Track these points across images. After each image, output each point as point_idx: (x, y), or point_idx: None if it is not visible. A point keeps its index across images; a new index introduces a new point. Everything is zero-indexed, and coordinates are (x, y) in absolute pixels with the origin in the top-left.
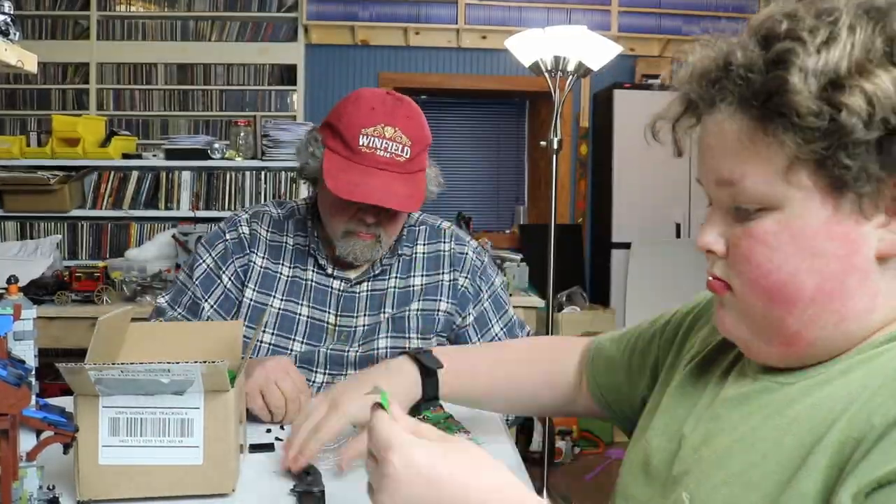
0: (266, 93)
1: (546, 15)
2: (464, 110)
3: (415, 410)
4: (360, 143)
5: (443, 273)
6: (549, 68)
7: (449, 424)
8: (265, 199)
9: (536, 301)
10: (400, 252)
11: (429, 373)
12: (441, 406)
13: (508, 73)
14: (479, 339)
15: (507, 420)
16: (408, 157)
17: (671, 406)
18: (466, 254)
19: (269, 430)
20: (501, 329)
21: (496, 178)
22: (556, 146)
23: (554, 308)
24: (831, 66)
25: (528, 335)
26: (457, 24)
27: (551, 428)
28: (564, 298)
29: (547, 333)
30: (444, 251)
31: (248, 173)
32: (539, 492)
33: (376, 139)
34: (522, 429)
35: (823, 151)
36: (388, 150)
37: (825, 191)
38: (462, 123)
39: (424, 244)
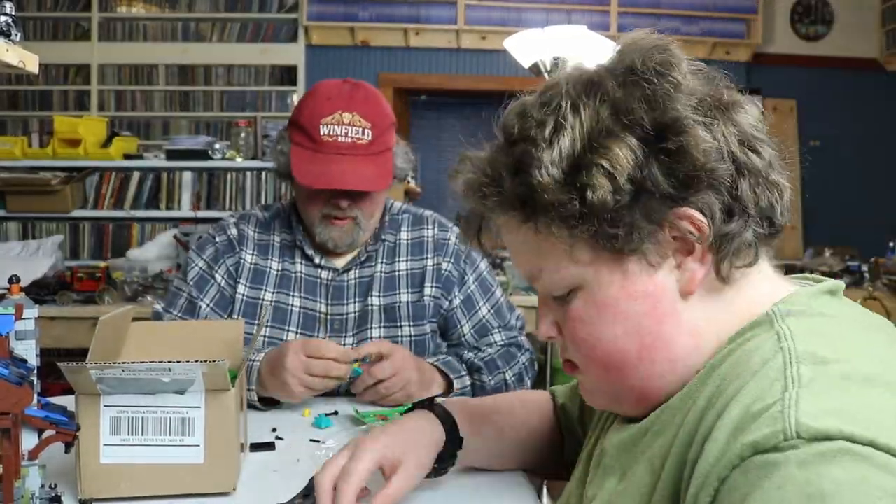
0: (266, 93)
1: (545, 16)
2: (464, 111)
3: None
4: (322, 133)
5: (426, 258)
6: (548, 69)
7: None
8: (266, 199)
9: (536, 300)
10: (383, 238)
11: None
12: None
13: (508, 73)
14: (467, 321)
15: None
16: (370, 139)
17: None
18: (449, 239)
19: (274, 430)
20: (489, 311)
21: None
22: None
23: None
24: (566, 152)
25: (518, 318)
26: (456, 24)
27: None
28: None
29: None
30: (428, 237)
31: (248, 173)
32: (539, 492)
33: (335, 127)
34: None
35: (591, 229)
36: (349, 135)
37: (609, 260)
38: (462, 124)
39: (408, 231)
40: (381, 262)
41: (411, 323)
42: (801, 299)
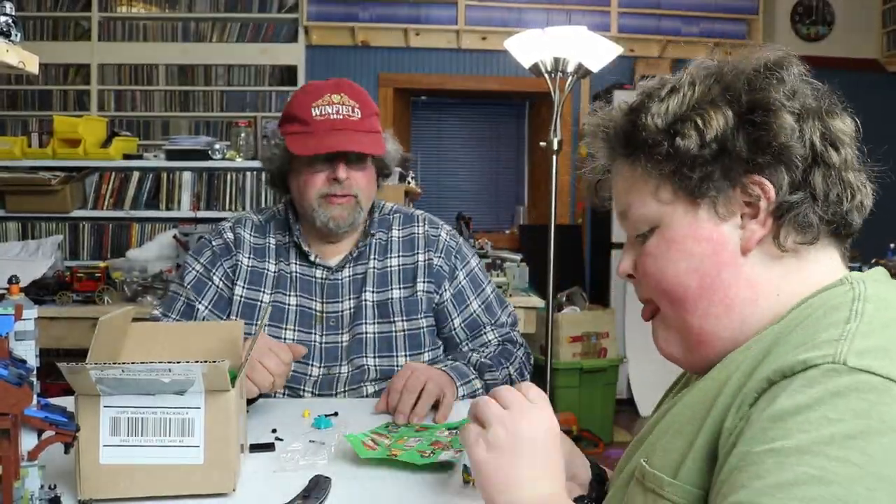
0: (266, 93)
1: (546, 16)
2: (464, 111)
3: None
4: (314, 115)
5: (417, 254)
6: (548, 69)
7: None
8: (266, 200)
9: (536, 301)
10: (374, 232)
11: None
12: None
13: (508, 73)
14: (458, 315)
15: None
16: (359, 117)
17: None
18: (439, 235)
19: (274, 430)
20: (479, 306)
21: (496, 179)
22: (555, 147)
23: (554, 308)
24: (673, 107)
25: (509, 315)
26: (456, 25)
27: None
28: (564, 299)
29: (547, 333)
30: (419, 233)
31: (248, 174)
32: None
33: (326, 107)
34: None
35: (672, 171)
36: (340, 112)
37: (685, 201)
38: (462, 124)
39: (399, 228)
40: (374, 259)
41: (404, 318)
42: (875, 273)
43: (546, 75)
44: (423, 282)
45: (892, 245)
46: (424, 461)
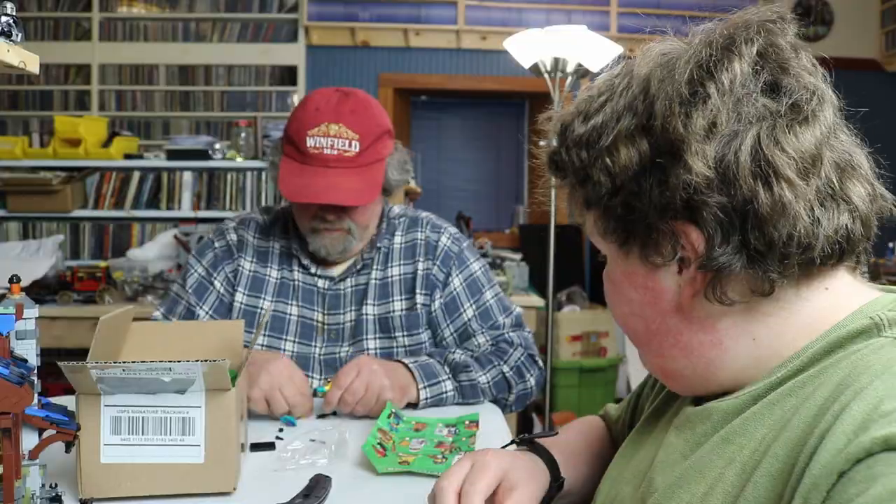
0: (267, 93)
1: (545, 16)
2: (464, 111)
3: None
4: (308, 146)
5: (417, 262)
6: (548, 69)
7: (462, 428)
8: (266, 200)
9: (536, 301)
10: (379, 245)
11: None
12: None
13: (508, 73)
14: (448, 325)
15: (507, 402)
16: (357, 150)
17: (626, 450)
18: (439, 241)
19: (280, 430)
20: (474, 313)
21: (496, 178)
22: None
23: (554, 307)
24: (588, 136)
25: (509, 316)
26: (456, 24)
27: (551, 423)
28: (564, 298)
29: (546, 333)
30: (420, 239)
31: (249, 173)
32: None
33: (321, 139)
34: (523, 423)
35: (599, 210)
36: (335, 146)
37: (617, 242)
38: (462, 124)
39: (402, 234)
40: (376, 269)
41: (405, 333)
42: None
43: (546, 75)
44: (421, 293)
45: (890, 245)
46: (438, 468)
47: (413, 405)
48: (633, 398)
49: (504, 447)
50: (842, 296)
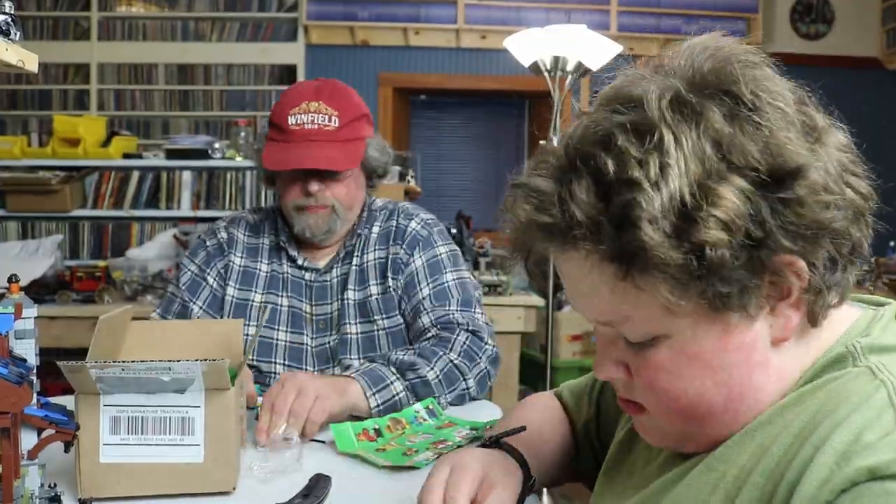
0: (266, 93)
1: (545, 15)
2: (464, 110)
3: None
4: (290, 123)
5: (389, 247)
6: (548, 68)
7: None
8: (265, 199)
9: (536, 300)
10: (360, 232)
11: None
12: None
13: (508, 72)
14: (407, 302)
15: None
16: (337, 125)
17: (605, 486)
18: (409, 225)
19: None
20: (430, 292)
21: (496, 178)
22: None
23: (554, 307)
24: (676, 199)
25: (465, 301)
26: (456, 24)
27: None
28: (564, 297)
29: (547, 332)
30: (392, 227)
31: (248, 173)
32: (539, 491)
33: (302, 115)
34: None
35: (701, 287)
36: (315, 122)
37: (711, 313)
38: (462, 123)
39: (381, 224)
40: (356, 256)
41: (383, 315)
42: (875, 332)
43: (546, 74)
44: (391, 277)
45: (892, 244)
46: (403, 459)
47: (358, 418)
48: (593, 394)
49: (478, 447)
50: (833, 321)
